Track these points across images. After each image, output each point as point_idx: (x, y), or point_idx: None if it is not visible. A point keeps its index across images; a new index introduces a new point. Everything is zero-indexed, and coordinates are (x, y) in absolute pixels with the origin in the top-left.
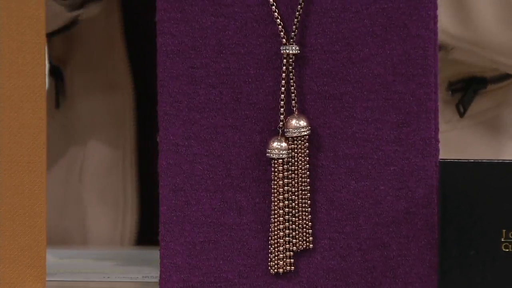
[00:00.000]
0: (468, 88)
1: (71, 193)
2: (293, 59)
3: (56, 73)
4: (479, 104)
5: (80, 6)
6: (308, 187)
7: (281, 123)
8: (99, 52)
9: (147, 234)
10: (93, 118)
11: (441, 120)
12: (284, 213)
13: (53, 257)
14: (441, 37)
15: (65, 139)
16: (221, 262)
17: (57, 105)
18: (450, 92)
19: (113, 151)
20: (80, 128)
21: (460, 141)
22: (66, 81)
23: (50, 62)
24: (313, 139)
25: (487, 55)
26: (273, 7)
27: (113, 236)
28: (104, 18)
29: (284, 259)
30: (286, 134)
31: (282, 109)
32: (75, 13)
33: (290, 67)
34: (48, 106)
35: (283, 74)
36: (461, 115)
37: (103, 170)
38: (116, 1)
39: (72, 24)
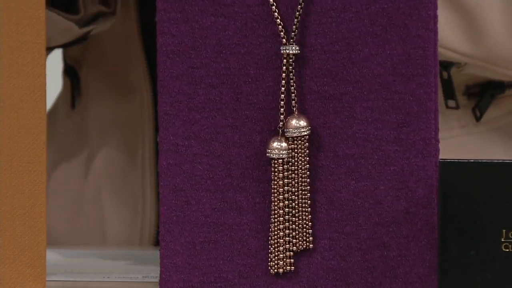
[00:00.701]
0: (485, 93)
1: (87, 193)
2: (293, 59)
3: (71, 73)
4: (496, 109)
5: (91, 21)
6: (308, 187)
7: (281, 123)
8: (115, 53)
9: None
10: (109, 119)
11: (457, 124)
12: (284, 213)
13: (53, 257)
14: (453, 56)
15: (80, 139)
16: (221, 262)
17: (73, 105)
18: (466, 96)
19: (131, 152)
20: (95, 129)
21: (475, 146)
22: (81, 81)
23: (65, 62)
24: (313, 139)
25: (499, 70)
26: (273, 7)
27: (131, 237)
28: (121, 19)
29: (284, 259)
30: (286, 134)
31: (282, 109)
32: (86, 29)
33: (290, 67)
34: (64, 106)
35: (283, 74)
36: (478, 119)
37: (121, 170)
38: (133, 3)
39: (83, 38)
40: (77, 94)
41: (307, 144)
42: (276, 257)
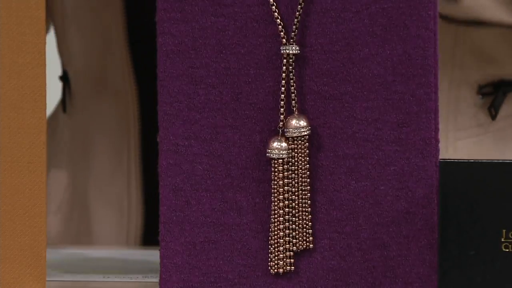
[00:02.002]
0: (498, 91)
1: (75, 196)
2: (293, 59)
3: (64, 77)
4: (510, 107)
5: None
6: (308, 187)
7: (281, 123)
8: (101, 56)
9: (152, 235)
10: (97, 121)
11: (473, 124)
12: (284, 213)
13: (53, 257)
14: None
15: (71, 142)
16: (221, 262)
17: (64, 109)
18: (480, 96)
19: (118, 153)
20: (84, 131)
21: (494, 143)
22: (72, 85)
23: (62, 66)
24: (313, 139)
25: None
26: (273, 7)
27: (118, 238)
28: (108, 19)
29: (284, 259)
30: (286, 134)
31: (282, 109)
32: None
33: (290, 67)
34: (57, 110)
35: (283, 74)
36: (493, 118)
37: (108, 172)
38: (118, 3)
39: None
40: (68, 99)
41: (307, 144)
42: (276, 257)
